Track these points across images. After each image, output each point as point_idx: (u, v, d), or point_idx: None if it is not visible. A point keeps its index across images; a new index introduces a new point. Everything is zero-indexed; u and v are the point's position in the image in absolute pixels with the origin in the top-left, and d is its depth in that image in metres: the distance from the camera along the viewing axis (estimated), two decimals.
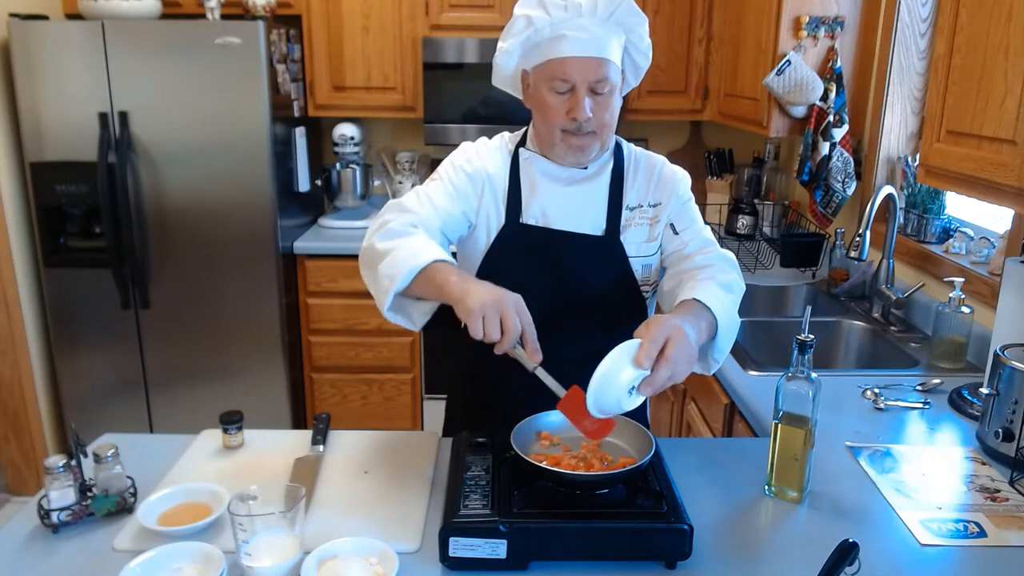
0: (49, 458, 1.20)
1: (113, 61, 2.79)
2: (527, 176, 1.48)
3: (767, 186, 3.30)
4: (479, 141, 1.54)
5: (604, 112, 1.39)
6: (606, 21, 1.37)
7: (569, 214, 1.47)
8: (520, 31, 1.39)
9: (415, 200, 1.45)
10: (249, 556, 1.06)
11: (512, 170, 1.49)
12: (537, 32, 1.38)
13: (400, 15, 3.17)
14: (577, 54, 1.35)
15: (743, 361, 1.93)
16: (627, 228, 1.48)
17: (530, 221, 1.47)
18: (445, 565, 1.12)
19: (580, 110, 1.36)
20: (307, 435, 1.49)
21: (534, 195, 1.47)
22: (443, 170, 1.50)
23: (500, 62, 1.46)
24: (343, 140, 3.33)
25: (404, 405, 3.35)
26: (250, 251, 2.99)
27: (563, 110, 1.38)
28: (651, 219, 1.50)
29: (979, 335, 1.91)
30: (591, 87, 1.36)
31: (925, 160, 1.66)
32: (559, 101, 1.38)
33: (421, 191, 1.47)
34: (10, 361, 2.98)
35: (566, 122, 1.38)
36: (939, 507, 1.30)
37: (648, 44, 1.45)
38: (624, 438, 1.29)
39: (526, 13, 1.37)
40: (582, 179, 1.48)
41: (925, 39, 2.47)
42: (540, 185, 1.47)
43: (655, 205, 1.50)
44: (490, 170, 1.48)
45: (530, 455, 1.20)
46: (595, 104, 1.38)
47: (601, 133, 1.41)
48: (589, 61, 1.35)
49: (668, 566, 1.12)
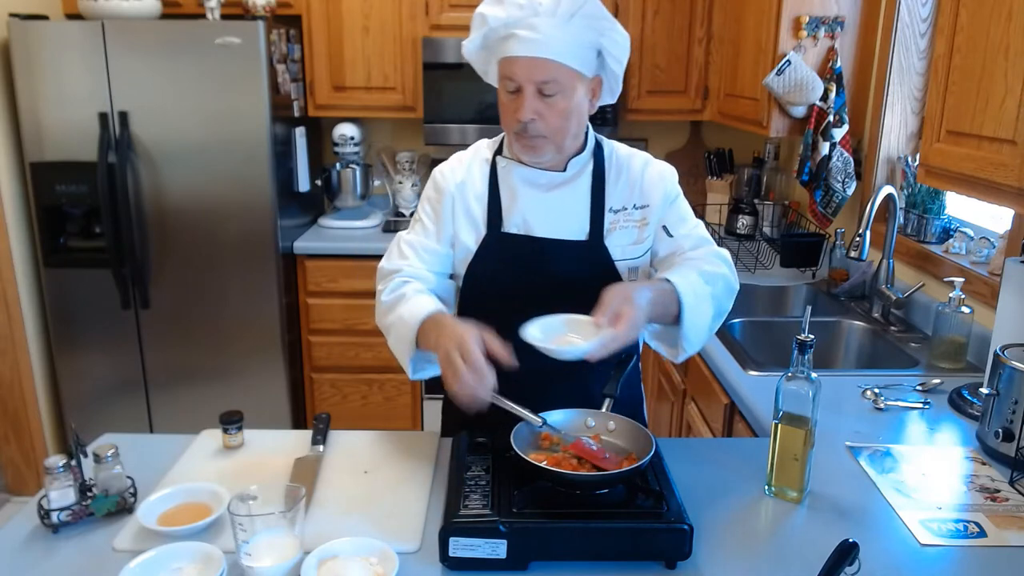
0: (49, 458, 1.20)
1: (113, 61, 2.79)
2: (506, 184, 1.46)
3: (767, 186, 3.30)
4: (451, 159, 1.53)
5: (555, 117, 1.35)
6: (567, 22, 1.33)
7: (551, 220, 1.44)
8: (477, 28, 1.39)
9: (398, 254, 1.49)
10: (249, 556, 1.06)
11: (491, 178, 1.47)
12: (493, 31, 1.37)
13: (400, 15, 3.17)
14: (523, 54, 1.32)
15: (743, 361, 1.93)
16: (612, 231, 1.45)
17: (512, 230, 1.45)
18: (445, 565, 1.12)
19: (523, 111, 1.34)
20: (307, 435, 1.49)
21: (514, 203, 1.45)
22: (419, 210, 1.52)
23: (469, 58, 1.46)
24: (343, 140, 3.33)
25: (404, 405, 3.35)
26: (250, 251, 2.99)
27: (511, 109, 1.37)
28: (638, 221, 1.47)
29: (979, 335, 1.91)
30: (539, 88, 1.33)
31: (925, 160, 1.66)
32: (509, 100, 1.37)
33: (403, 240, 1.50)
34: (10, 361, 2.98)
35: (513, 123, 1.37)
36: (939, 507, 1.30)
37: (623, 49, 1.41)
38: (624, 438, 1.29)
39: (482, 11, 1.37)
40: (562, 183, 1.45)
41: (925, 39, 2.47)
42: (520, 192, 1.45)
43: (642, 207, 1.47)
44: (454, 187, 1.47)
45: (530, 455, 1.20)
46: (544, 107, 1.34)
47: (554, 137, 1.38)
48: (535, 61, 1.32)
49: (668, 566, 1.12)
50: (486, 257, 1.46)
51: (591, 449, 1.22)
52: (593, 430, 1.31)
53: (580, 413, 1.33)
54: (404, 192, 3.49)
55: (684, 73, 3.25)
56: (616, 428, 1.31)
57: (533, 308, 1.36)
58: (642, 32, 3.16)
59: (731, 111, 3.01)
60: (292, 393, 3.19)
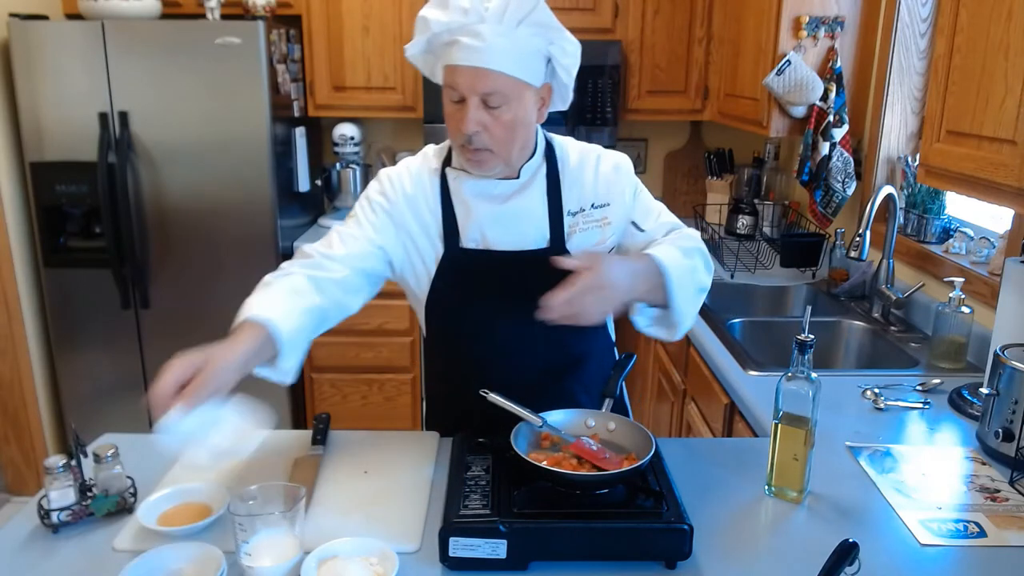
0: (49, 458, 1.20)
1: (113, 61, 2.79)
2: (459, 198, 1.40)
3: (767, 186, 3.30)
4: (400, 166, 1.45)
5: (500, 129, 1.29)
6: (513, 30, 1.26)
7: (508, 232, 1.39)
8: (420, 32, 1.33)
9: (325, 242, 1.39)
10: (249, 556, 1.06)
11: (443, 191, 1.41)
12: (436, 36, 1.31)
13: (400, 15, 3.17)
14: (465, 63, 1.26)
15: (743, 361, 1.93)
16: (572, 234, 1.40)
17: (470, 245, 1.39)
18: (445, 565, 1.12)
19: (466, 122, 1.27)
20: (307, 435, 1.49)
21: (469, 217, 1.39)
22: (359, 207, 1.44)
23: (412, 62, 1.40)
24: (343, 140, 3.33)
25: (404, 405, 3.35)
26: (250, 251, 2.99)
27: (456, 120, 1.30)
28: (599, 221, 1.42)
29: (979, 335, 1.91)
30: (483, 99, 1.27)
31: (925, 160, 1.66)
32: (453, 110, 1.31)
33: (341, 229, 1.41)
34: (10, 361, 2.98)
35: (457, 134, 1.31)
36: (939, 507, 1.30)
37: (573, 57, 1.35)
38: (624, 438, 1.29)
39: (424, 15, 1.31)
40: (515, 192, 1.39)
41: (925, 39, 2.47)
42: (474, 206, 1.38)
43: (602, 206, 1.42)
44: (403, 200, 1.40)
45: (530, 455, 1.20)
46: (489, 118, 1.28)
47: (500, 150, 1.32)
48: (478, 71, 1.25)
49: (668, 566, 1.12)
50: (446, 275, 1.41)
51: (591, 449, 1.22)
52: (593, 430, 1.31)
53: (580, 413, 1.33)
54: None
55: (684, 73, 3.25)
56: (616, 428, 1.31)
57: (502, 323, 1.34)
58: (642, 32, 3.16)
59: (731, 111, 3.01)
60: (292, 393, 3.19)
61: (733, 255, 2.81)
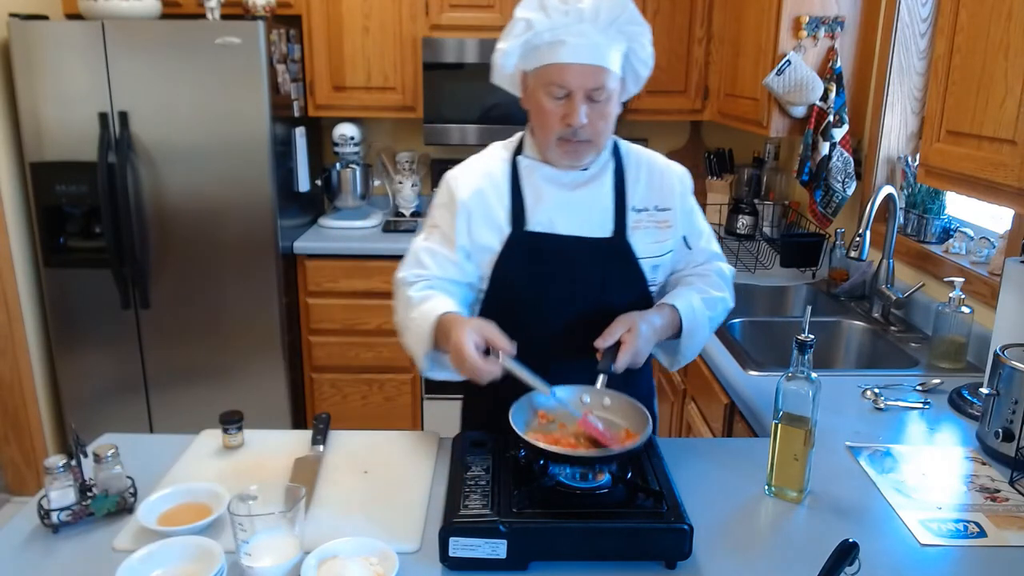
0: (49, 458, 1.20)
1: (113, 61, 2.79)
2: (530, 184, 1.47)
3: (767, 186, 3.30)
4: (463, 166, 1.53)
5: (600, 120, 1.38)
6: (607, 28, 1.35)
7: (575, 218, 1.46)
8: (520, 33, 1.37)
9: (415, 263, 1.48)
10: (249, 556, 1.06)
11: (513, 179, 1.48)
12: (537, 36, 1.36)
13: (400, 15, 3.17)
14: (576, 61, 1.33)
15: (743, 361, 1.93)
16: (635, 230, 1.47)
17: (536, 228, 1.45)
18: (445, 565, 1.12)
19: (575, 116, 1.35)
20: (307, 435, 1.50)
21: (539, 202, 1.46)
22: (433, 216, 1.52)
23: (499, 62, 1.44)
24: (343, 140, 3.33)
25: (404, 405, 3.35)
26: (250, 251, 2.99)
27: (559, 115, 1.37)
28: (660, 223, 1.49)
29: (979, 335, 1.91)
30: (588, 94, 1.35)
31: (925, 160, 1.66)
32: (555, 106, 1.37)
33: (420, 249, 1.49)
34: (10, 361, 2.98)
35: (561, 128, 1.38)
36: (939, 507, 1.31)
37: (650, 53, 1.44)
38: (620, 414, 1.31)
39: (526, 16, 1.35)
40: (585, 181, 1.47)
41: (925, 39, 2.47)
42: (544, 192, 1.46)
43: (664, 210, 1.50)
44: (469, 197, 1.46)
45: (527, 434, 1.21)
46: (591, 111, 1.37)
47: (596, 140, 1.41)
48: (587, 68, 1.34)
49: (668, 566, 1.12)
50: (511, 256, 1.46)
51: (598, 428, 1.24)
52: (588, 406, 1.33)
53: (576, 389, 1.34)
54: (404, 192, 3.49)
55: (684, 73, 3.25)
56: (612, 404, 1.33)
57: (559, 306, 1.41)
58: None
59: (731, 111, 3.01)
60: (292, 393, 3.19)
61: (733, 255, 2.80)
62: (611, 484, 1.18)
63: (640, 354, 1.34)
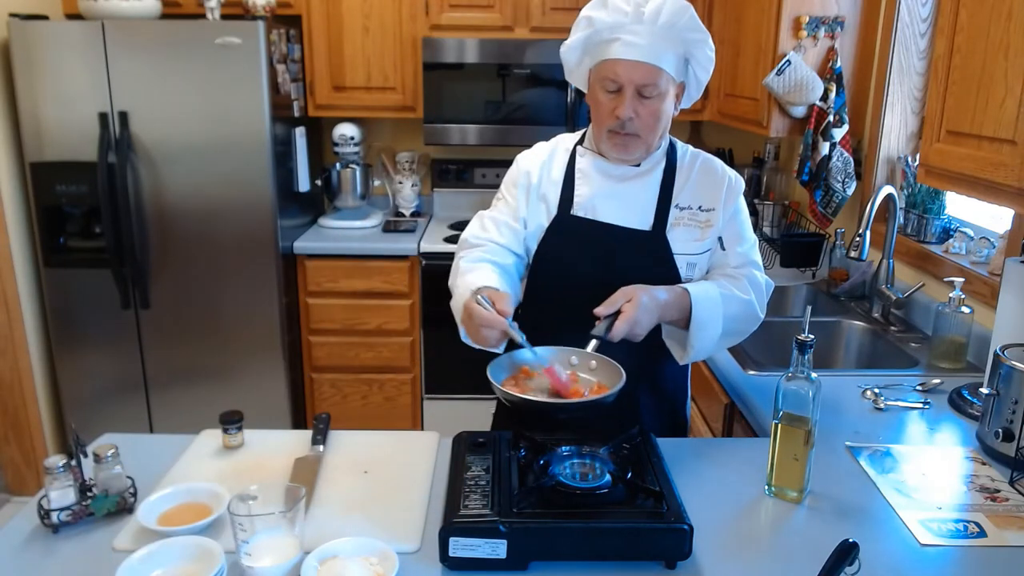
0: (49, 458, 1.20)
1: (113, 61, 2.79)
2: (582, 172, 1.55)
3: (767, 186, 3.30)
4: (535, 147, 1.62)
5: (649, 116, 1.45)
6: (666, 32, 1.42)
7: (617, 208, 1.52)
8: (582, 29, 1.47)
9: (480, 227, 1.57)
10: (249, 556, 1.06)
11: (569, 166, 1.56)
12: (597, 33, 1.45)
13: (400, 15, 3.17)
14: (629, 57, 1.41)
15: (743, 361, 1.93)
16: (676, 227, 1.52)
17: (579, 213, 1.53)
18: (445, 565, 1.12)
19: (623, 108, 1.43)
20: (307, 435, 1.50)
21: (587, 189, 1.54)
22: (501, 190, 1.62)
23: (565, 56, 1.53)
24: (343, 140, 3.33)
25: (404, 405, 3.35)
26: (250, 251, 2.99)
27: (609, 108, 1.45)
28: (702, 222, 1.53)
29: (979, 335, 1.91)
30: (638, 90, 1.42)
31: (925, 160, 1.66)
32: (607, 99, 1.45)
33: (485, 216, 1.59)
34: (10, 361, 2.98)
35: (611, 120, 1.45)
36: (939, 507, 1.31)
37: (710, 58, 1.49)
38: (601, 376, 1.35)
39: (589, 14, 1.45)
40: (634, 176, 1.54)
41: (925, 39, 2.47)
42: (593, 180, 1.54)
43: (708, 210, 1.53)
44: (536, 168, 1.57)
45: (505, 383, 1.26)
46: (641, 107, 1.44)
47: (645, 136, 1.47)
48: (640, 65, 1.41)
49: (668, 566, 1.12)
50: (554, 237, 1.54)
51: (561, 379, 1.28)
52: (576, 367, 1.37)
53: (566, 350, 1.38)
54: (404, 192, 3.49)
55: None
56: (597, 367, 1.36)
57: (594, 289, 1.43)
58: None
59: (731, 111, 3.01)
60: (292, 393, 3.19)
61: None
62: (611, 484, 1.18)
63: (639, 324, 1.34)
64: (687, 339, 1.48)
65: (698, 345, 1.48)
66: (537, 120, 3.23)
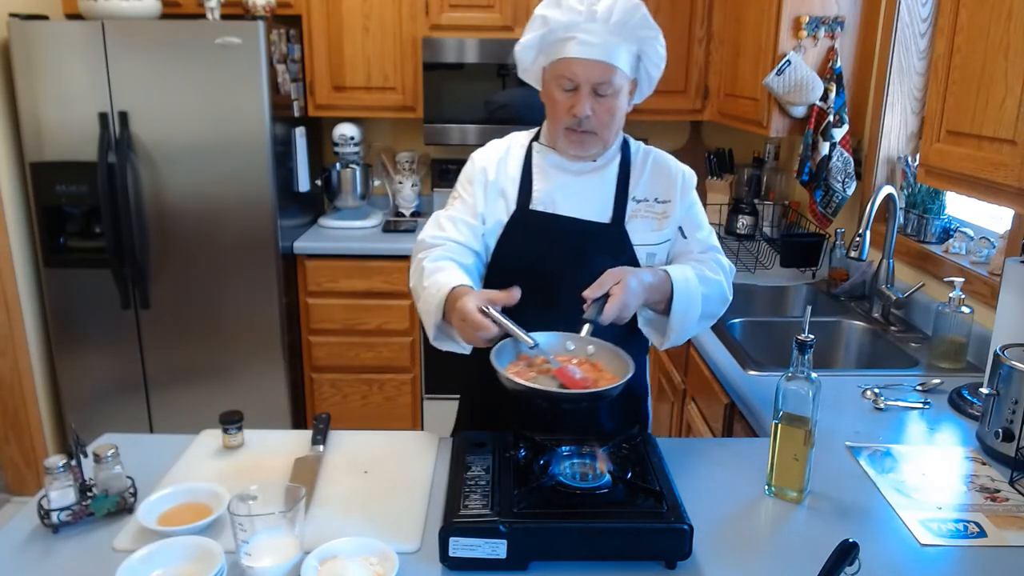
0: (49, 458, 1.20)
1: (113, 61, 2.79)
2: (539, 168, 1.56)
3: (767, 186, 3.30)
4: (487, 145, 1.62)
5: (605, 113, 1.46)
6: (619, 30, 1.44)
7: (576, 202, 1.53)
8: (537, 28, 1.48)
9: (436, 227, 1.55)
10: (249, 556, 1.06)
11: (526, 162, 1.57)
12: (552, 32, 1.46)
13: (400, 15, 3.17)
14: (584, 56, 1.42)
15: (743, 361, 1.93)
16: (633, 218, 1.54)
17: (539, 207, 1.54)
18: (445, 565, 1.12)
19: (580, 107, 1.44)
20: (307, 435, 1.50)
21: (545, 184, 1.54)
22: (456, 188, 1.61)
23: (519, 55, 1.54)
24: (343, 140, 3.33)
25: (404, 405, 3.35)
26: (250, 251, 2.99)
27: (566, 106, 1.46)
28: (659, 213, 1.55)
29: (979, 335, 1.91)
30: (594, 88, 1.43)
31: (925, 160, 1.66)
32: (564, 98, 1.46)
33: (441, 216, 1.57)
34: (10, 361, 2.98)
35: (568, 118, 1.46)
36: (939, 507, 1.31)
37: (662, 56, 1.52)
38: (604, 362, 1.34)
39: (544, 13, 1.46)
40: (591, 170, 1.55)
41: (925, 39, 2.47)
42: (551, 175, 1.55)
43: (664, 202, 1.56)
44: (492, 165, 1.57)
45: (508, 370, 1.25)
46: (597, 104, 1.45)
47: (601, 133, 1.48)
48: (595, 64, 1.42)
49: (668, 566, 1.12)
50: (514, 232, 1.54)
51: (574, 377, 1.26)
52: (573, 353, 1.36)
53: (560, 336, 1.37)
54: (404, 192, 3.49)
55: (684, 73, 3.25)
56: (595, 352, 1.36)
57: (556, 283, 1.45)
58: None
59: (731, 111, 3.01)
60: (292, 393, 3.19)
61: (733, 255, 2.80)
62: (611, 484, 1.18)
63: (627, 307, 1.34)
64: (667, 323, 1.47)
65: (679, 327, 1.47)
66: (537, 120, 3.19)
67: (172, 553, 1.11)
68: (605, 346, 1.35)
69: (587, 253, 1.51)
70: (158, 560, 1.09)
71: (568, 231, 1.52)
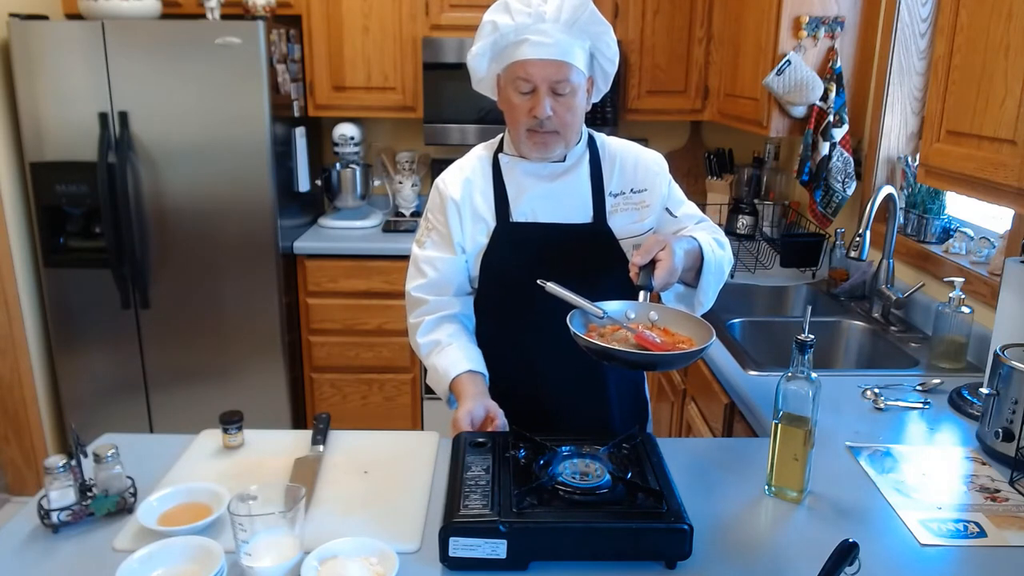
0: (49, 458, 1.20)
1: (113, 61, 2.79)
2: (511, 179, 1.55)
3: (767, 186, 3.30)
4: (450, 168, 1.61)
5: (566, 112, 1.46)
6: (570, 28, 1.44)
7: (556, 207, 1.54)
8: (488, 35, 1.47)
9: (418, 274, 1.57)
10: (249, 556, 1.06)
11: (495, 175, 1.56)
12: (503, 37, 1.46)
13: (400, 15, 3.17)
14: (539, 56, 1.42)
15: (743, 361, 1.93)
16: (614, 213, 1.55)
17: (520, 219, 1.54)
18: (445, 565, 1.12)
19: (540, 108, 1.44)
20: (307, 435, 1.50)
21: (520, 194, 1.54)
22: (428, 220, 1.60)
23: (472, 65, 1.54)
24: (343, 140, 3.33)
25: (404, 405, 3.35)
26: (250, 251, 2.99)
27: (526, 109, 1.46)
28: (638, 204, 1.57)
29: (979, 335, 1.91)
30: (552, 88, 1.44)
31: (925, 160, 1.66)
32: (522, 100, 1.47)
33: (419, 260, 1.58)
34: (10, 361, 2.98)
35: (529, 120, 1.46)
36: (939, 507, 1.31)
37: (615, 51, 1.52)
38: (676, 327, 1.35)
39: (492, 19, 1.46)
40: (563, 172, 1.55)
41: (925, 39, 2.47)
42: (525, 185, 1.54)
43: (640, 191, 1.57)
44: (458, 192, 1.55)
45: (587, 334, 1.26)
46: (556, 104, 1.45)
47: (564, 132, 1.49)
48: (550, 63, 1.42)
49: (668, 566, 1.12)
50: (498, 247, 1.54)
51: (655, 341, 1.28)
52: (635, 321, 1.36)
53: (621, 304, 1.37)
54: (404, 192, 3.49)
55: (684, 73, 3.25)
56: (660, 318, 1.36)
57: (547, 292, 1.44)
58: (642, 32, 3.16)
59: (731, 111, 3.01)
60: (292, 393, 3.19)
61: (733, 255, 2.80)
62: (611, 484, 1.18)
63: (675, 272, 1.35)
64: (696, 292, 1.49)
65: (710, 291, 1.50)
66: None
67: (172, 553, 1.11)
68: (668, 311, 1.37)
69: (573, 255, 1.52)
70: (158, 560, 1.09)
71: (553, 237, 1.53)
